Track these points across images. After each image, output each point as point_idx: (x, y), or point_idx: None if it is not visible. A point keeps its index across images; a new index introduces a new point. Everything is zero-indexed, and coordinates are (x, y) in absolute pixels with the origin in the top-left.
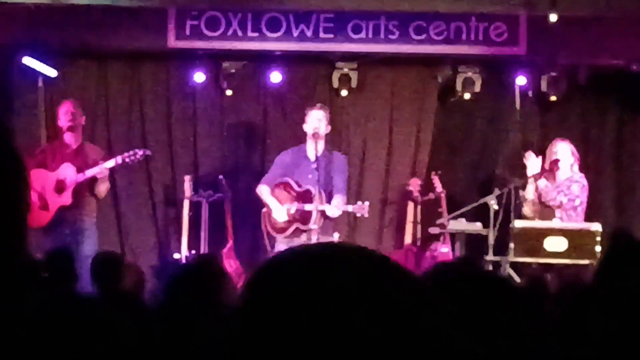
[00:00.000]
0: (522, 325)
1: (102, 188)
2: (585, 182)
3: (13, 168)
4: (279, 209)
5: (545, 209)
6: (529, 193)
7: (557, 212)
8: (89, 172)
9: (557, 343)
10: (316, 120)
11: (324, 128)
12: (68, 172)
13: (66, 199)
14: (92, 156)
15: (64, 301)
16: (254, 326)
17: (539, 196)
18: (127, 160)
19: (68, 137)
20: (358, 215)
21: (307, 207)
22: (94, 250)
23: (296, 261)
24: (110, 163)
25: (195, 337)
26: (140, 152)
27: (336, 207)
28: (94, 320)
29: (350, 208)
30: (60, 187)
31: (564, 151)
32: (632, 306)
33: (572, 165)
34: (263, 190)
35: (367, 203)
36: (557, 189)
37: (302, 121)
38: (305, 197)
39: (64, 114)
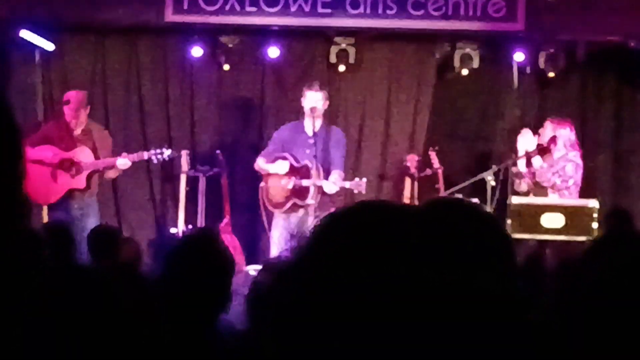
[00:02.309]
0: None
1: (114, 174)
2: (579, 160)
3: (8, 135)
4: (278, 165)
5: (539, 189)
6: (521, 166)
7: (550, 191)
8: (108, 162)
9: (551, 317)
10: (313, 102)
11: (321, 106)
12: (84, 157)
13: (80, 182)
14: (99, 140)
15: (66, 272)
16: (316, 273)
17: (533, 175)
18: (152, 157)
19: (73, 122)
20: (355, 191)
21: (305, 182)
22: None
23: (364, 213)
24: (134, 158)
25: (193, 309)
26: (167, 152)
27: (333, 183)
28: (95, 290)
29: (347, 184)
30: (73, 168)
31: (565, 136)
32: (621, 284)
33: (567, 143)
34: (260, 161)
35: (364, 179)
36: (552, 169)
37: (300, 96)
38: (302, 172)
39: (69, 110)
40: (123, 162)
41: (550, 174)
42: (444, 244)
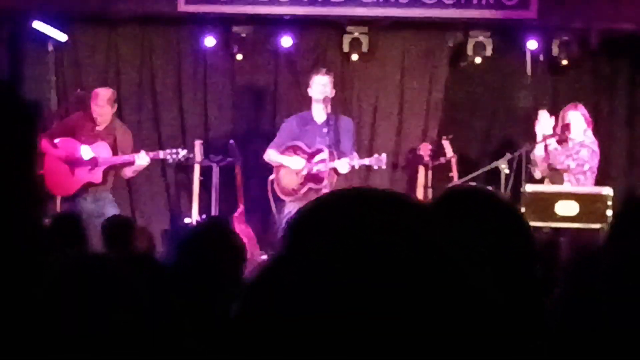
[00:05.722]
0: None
1: (130, 173)
2: (596, 147)
3: (22, 127)
4: (293, 160)
5: (555, 173)
6: (539, 150)
7: (565, 176)
8: (124, 159)
9: (564, 306)
10: (321, 86)
11: (329, 92)
12: (102, 152)
13: (97, 177)
14: (120, 136)
15: (81, 260)
16: (297, 271)
17: (548, 158)
18: (167, 157)
19: (98, 119)
20: (375, 167)
21: (318, 166)
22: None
23: (339, 205)
24: (145, 160)
25: (206, 298)
26: (182, 152)
27: (348, 164)
28: (111, 279)
29: (367, 161)
30: (92, 163)
31: (576, 117)
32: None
33: (585, 131)
34: (271, 153)
35: (384, 155)
36: (567, 152)
37: None
38: (316, 156)
39: (95, 107)
40: (142, 158)
41: (564, 157)
42: (462, 233)
